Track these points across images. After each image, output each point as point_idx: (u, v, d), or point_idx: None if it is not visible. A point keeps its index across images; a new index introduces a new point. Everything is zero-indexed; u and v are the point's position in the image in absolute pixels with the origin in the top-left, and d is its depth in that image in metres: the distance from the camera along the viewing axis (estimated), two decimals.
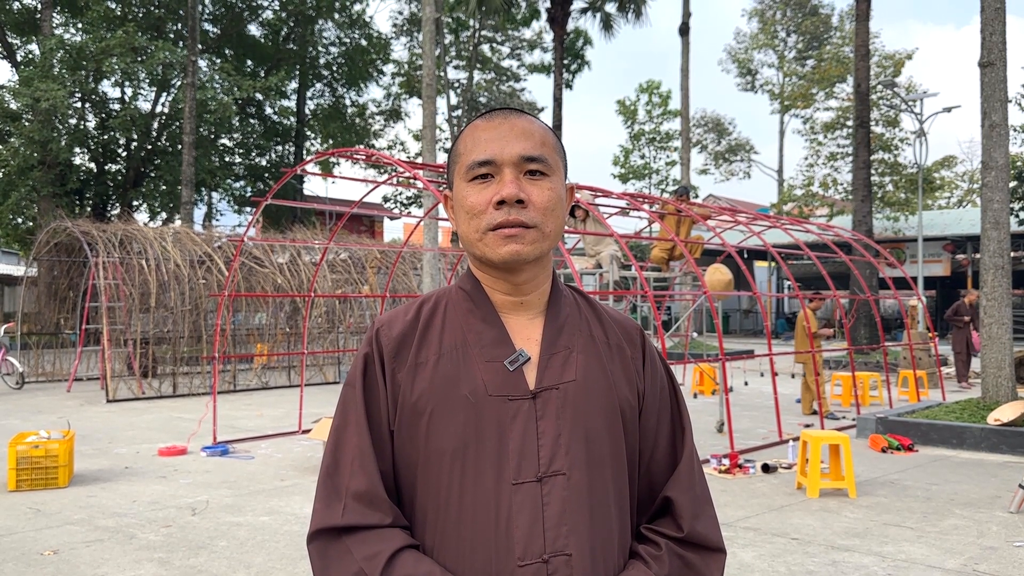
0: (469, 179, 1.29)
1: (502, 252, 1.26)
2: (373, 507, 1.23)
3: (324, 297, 15.76)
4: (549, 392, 1.28)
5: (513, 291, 1.33)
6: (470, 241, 1.30)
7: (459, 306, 1.34)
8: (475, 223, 1.28)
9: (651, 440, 1.38)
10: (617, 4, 28.22)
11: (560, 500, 1.23)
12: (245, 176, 31.72)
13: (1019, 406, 8.77)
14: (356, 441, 1.27)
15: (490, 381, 1.27)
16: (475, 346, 1.30)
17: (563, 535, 1.21)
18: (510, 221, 1.26)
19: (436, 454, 1.25)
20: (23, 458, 6.84)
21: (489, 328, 1.31)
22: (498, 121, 1.31)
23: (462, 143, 1.33)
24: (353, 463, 1.25)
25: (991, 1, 9.64)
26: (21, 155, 22.52)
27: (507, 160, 1.27)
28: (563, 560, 1.21)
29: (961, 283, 31.57)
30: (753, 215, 13.16)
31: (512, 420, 1.25)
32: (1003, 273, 9.58)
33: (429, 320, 1.34)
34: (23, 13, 25.50)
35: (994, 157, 9.59)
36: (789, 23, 43.00)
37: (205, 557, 5.07)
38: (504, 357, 1.29)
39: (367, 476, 1.24)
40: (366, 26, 33.54)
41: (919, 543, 5.38)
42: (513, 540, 1.20)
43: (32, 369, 16.07)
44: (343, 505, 1.23)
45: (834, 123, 32.15)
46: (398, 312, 1.36)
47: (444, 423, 1.25)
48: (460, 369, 1.28)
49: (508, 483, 1.22)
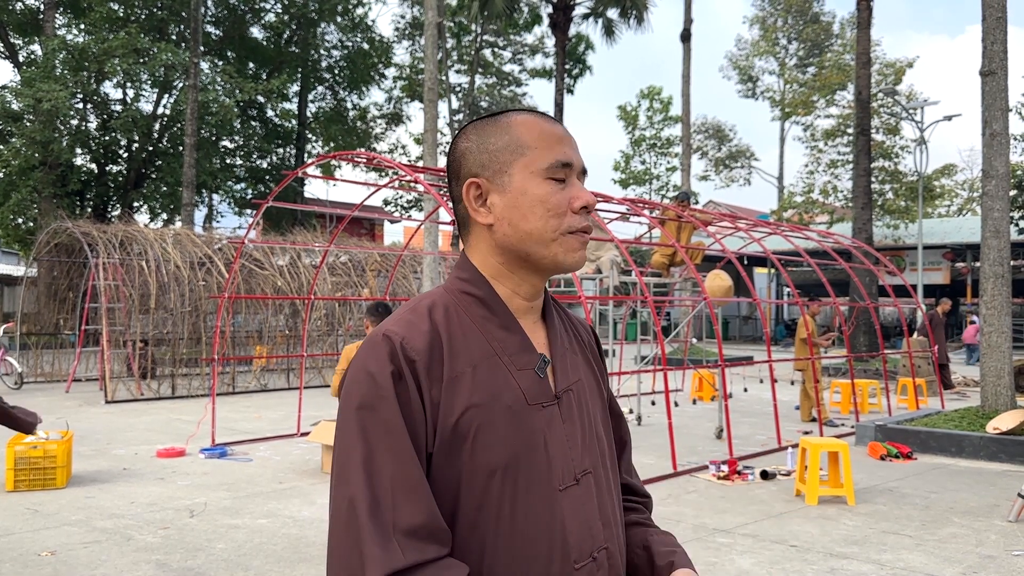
0: (547, 176, 1.26)
1: (575, 257, 1.27)
2: (432, 539, 1.13)
3: (324, 300, 15.76)
4: (568, 394, 1.31)
5: (533, 296, 1.32)
6: (543, 240, 1.25)
7: (470, 312, 1.27)
8: (555, 223, 1.25)
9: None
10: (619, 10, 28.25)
11: (594, 497, 1.28)
12: (246, 178, 31.74)
13: (1018, 415, 8.76)
14: (398, 470, 1.14)
15: (528, 390, 1.25)
16: (503, 355, 1.25)
17: (600, 530, 1.27)
18: (587, 227, 1.28)
19: (484, 470, 1.18)
20: (21, 458, 6.84)
21: (511, 335, 1.28)
22: (553, 124, 1.31)
23: (526, 134, 1.27)
24: (396, 495, 1.13)
25: (992, 10, 9.65)
26: (22, 155, 22.54)
27: (578, 167, 1.30)
28: (605, 554, 1.27)
29: (961, 291, 31.58)
30: (753, 222, 13.16)
31: (549, 426, 1.26)
32: (1003, 282, 9.58)
33: (448, 330, 1.25)
34: (26, 13, 25.54)
35: (995, 166, 9.60)
36: (790, 30, 43.09)
37: (203, 559, 5.06)
38: (532, 364, 1.27)
39: (425, 507, 1.13)
40: (368, 30, 33.60)
41: (918, 551, 5.38)
42: (569, 545, 1.22)
43: (31, 369, 16.06)
44: (400, 544, 1.11)
45: (835, 130, 32.20)
46: (408, 322, 1.23)
47: (491, 439, 1.19)
48: (499, 380, 1.23)
49: (556, 490, 1.23)
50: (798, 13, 42.27)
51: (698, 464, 8.11)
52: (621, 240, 10.00)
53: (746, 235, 12.53)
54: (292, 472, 7.70)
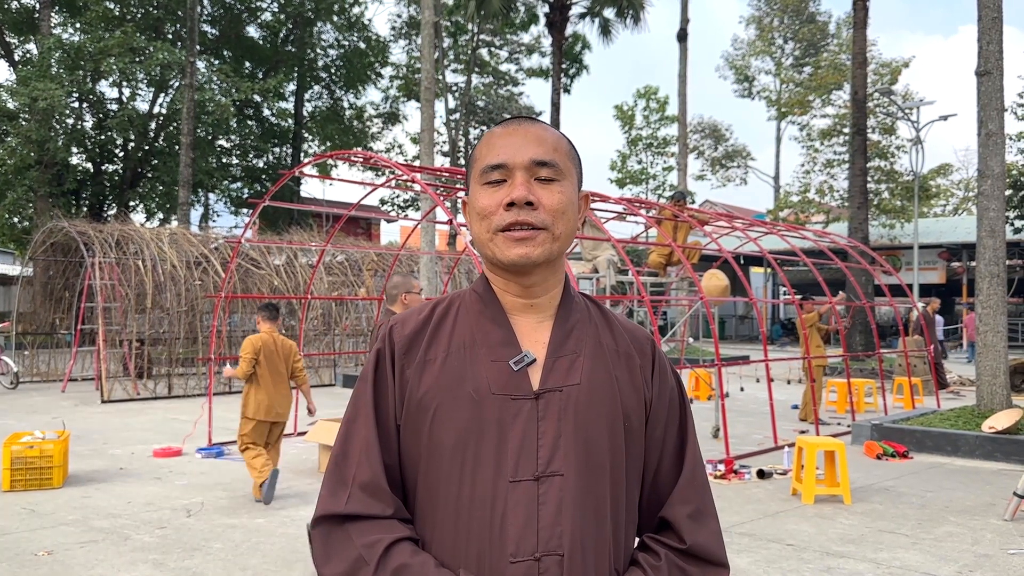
0: (482, 182, 1.33)
1: (511, 254, 1.29)
2: (376, 498, 1.27)
3: (320, 299, 15.74)
4: (552, 394, 1.29)
5: (523, 293, 1.35)
6: (482, 242, 1.34)
7: (471, 307, 1.37)
8: (486, 224, 1.32)
9: (658, 450, 1.38)
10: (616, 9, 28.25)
11: (556, 500, 1.24)
12: (242, 178, 31.69)
13: (1014, 414, 8.79)
14: (364, 434, 1.31)
15: (494, 380, 1.29)
16: (482, 346, 1.32)
17: (556, 535, 1.22)
18: (519, 222, 1.28)
19: (437, 449, 1.28)
20: (17, 458, 6.82)
21: (497, 328, 1.34)
22: (513, 128, 1.35)
23: (479, 149, 1.36)
24: (360, 455, 1.30)
25: (988, 11, 9.67)
26: (18, 155, 22.47)
27: (519, 164, 1.30)
28: (555, 560, 1.21)
29: (956, 291, 31.65)
30: (750, 221, 13.18)
31: (513, 419, 1.27)
32: (998, 281, 9.60)
33: (441, 320, 1.37)
34: (21, 12, 25.48)
35: (990, 166, 9.62)
36: (786, 30, 43.16)
37: (200, 559, 5.06)
38: (510, 357, 1.31)
39: (372, 468, 1.29)
40: (365, 29, 33.57)
41: (914, 550, 5.39)
42: (507, 536, 1.22)
43: (27, 369, 16.02)
44: (348, 494, 1.27)
45: (831, 130, 32.24)
46: (412, 312, 1.40)
47: (447, 419, 1.28)
48: (466, 367, 1.30)
49: (506, 480, 1.24)
50: (794, 13, 42.32)
51: None
52: (618, 240, 10.01)
53: (742, 235, 12.54)
54: (289, 472, 7.69)
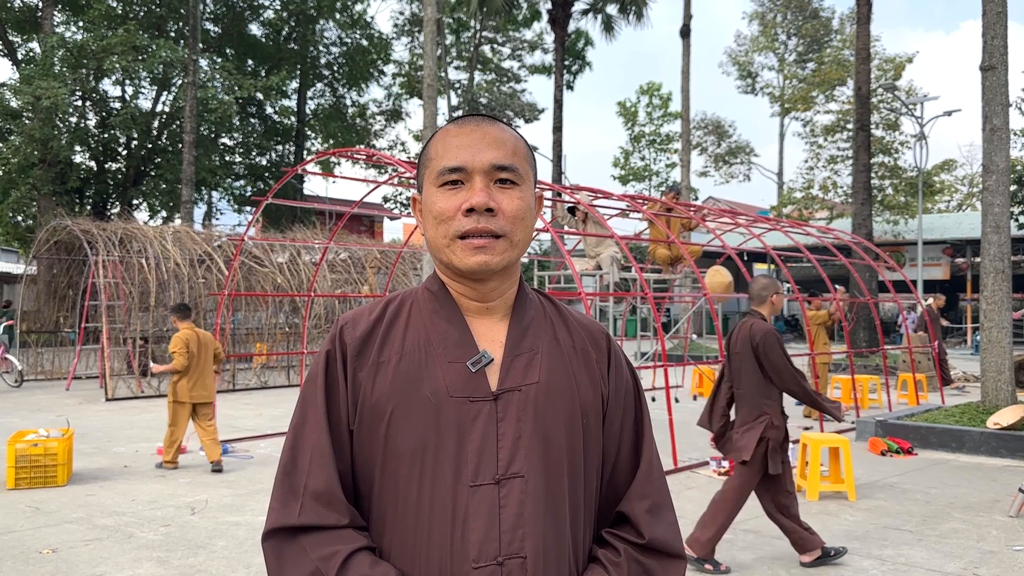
0: (439, 184, 1.28)
1: (470, 262, 1.25)
2: (330, 507, 1.22)
3: (323, 297, 15.75)
4: (511, 394, 1.26)
5: (478, 297, 1.32)
6: (437, 247, 1.29)
7: (425, 306, 1.33)
8: (443, 229, 1.27)
9: (615, 445, 1.37)
10: (618, 6, 28.23)
11: (517, 503, 1.22)
12: (245, 175, 31.69)
13: (1018, 410, 8.76)
14: (315, 440, 1.25)
15: (452, 382, 1.25)
16: (438, 347, 1.28)
17: (519, 538, 1.21)
18: (479, 230, 1.24)
19: (395, 454, 1.23)
20: (22, 456, 6.83)
21: (453, 329, 1.30)
22: (470, 127, 1.29)
23: (433, 147, 1.31)
24: (312, 462, 1.24)
25: (992, 5, 9.64)
26: (21, 153, 22.49)
27: (478, 168, 1.26)
28: (518, 563, 1.20)
29: (961, 287, 31.58)
30: (753, 218, 13.16)
31: (473, 422, 1.24)
32: (1003, 277, 9.57)
33: (394, 319, 1.32)
34: (24, 11, 25.48)
35: (995, 161, 9.59)
36: (789, 26, 43.03)
37: (204, 556, 5.06)
38: (467, 358, 1.27)
39: (325, 476, 1.23)
40: (367, 26, 33.52)
41: (919, 547, 5.38)
42: (468, 542, 1.20)
43: (31, 367, 16.05)
44: (300, 504, 1.22)
45: (834, 126, 32.15)
46: (363, 310, 1.35)
47: (404, 423, 1.24)
48: (422, 369, 1.26)
49: (466, 485, 1.21)
50: (797, 9, 42.20)
51: (699, 460, 8.12)
52: (621, 236, 10.00)
53: (746, 231, 12.53)
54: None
